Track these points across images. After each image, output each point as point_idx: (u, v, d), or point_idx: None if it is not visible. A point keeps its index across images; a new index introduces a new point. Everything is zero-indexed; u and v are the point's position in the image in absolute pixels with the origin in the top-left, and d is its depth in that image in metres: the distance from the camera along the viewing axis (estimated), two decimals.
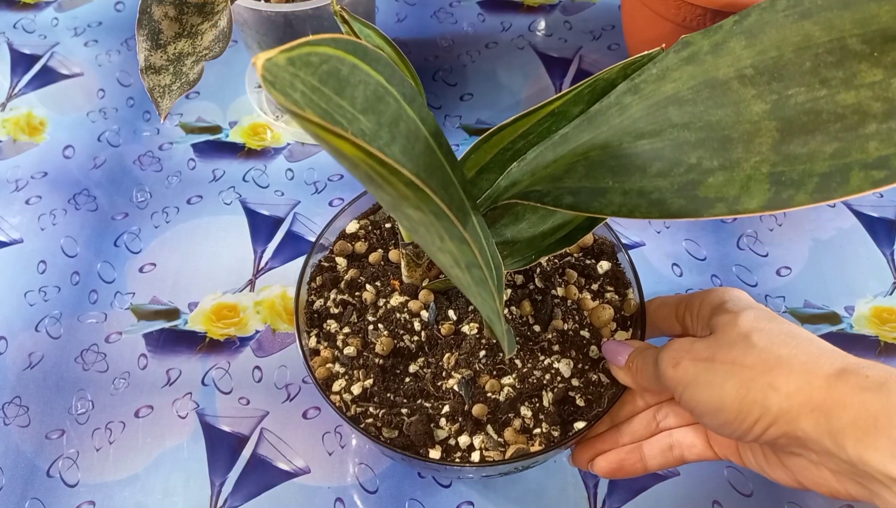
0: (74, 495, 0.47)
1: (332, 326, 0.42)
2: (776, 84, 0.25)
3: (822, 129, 0.24)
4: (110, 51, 0.71)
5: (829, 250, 0.57)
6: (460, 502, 0.47)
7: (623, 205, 0.28)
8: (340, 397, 0.40)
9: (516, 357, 0.40)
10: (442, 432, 0.39)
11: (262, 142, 0.64)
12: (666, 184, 0.27)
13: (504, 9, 0.73)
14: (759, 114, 0.25)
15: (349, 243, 0.45)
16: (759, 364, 0.31)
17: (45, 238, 0.58)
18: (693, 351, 0.34)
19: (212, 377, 0.51)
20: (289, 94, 0.19)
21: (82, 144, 0.64)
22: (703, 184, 0.26)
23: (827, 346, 0.32)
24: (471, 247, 0.23)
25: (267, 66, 0.19)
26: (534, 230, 0.37)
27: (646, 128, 0.28)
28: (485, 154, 0.34)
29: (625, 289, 0.43)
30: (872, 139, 0.23)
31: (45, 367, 0.52)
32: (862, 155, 0.23)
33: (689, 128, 0.27)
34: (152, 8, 0.34)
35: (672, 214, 0.26)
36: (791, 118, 0.25)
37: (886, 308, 0.54)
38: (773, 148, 0.25)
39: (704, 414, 0.33)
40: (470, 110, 0.65)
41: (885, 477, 0.28)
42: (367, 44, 0.23)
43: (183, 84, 0.37)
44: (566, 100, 0.32)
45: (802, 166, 0.24)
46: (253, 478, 0.48)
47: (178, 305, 0.55)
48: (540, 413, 0.39)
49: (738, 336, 0.33)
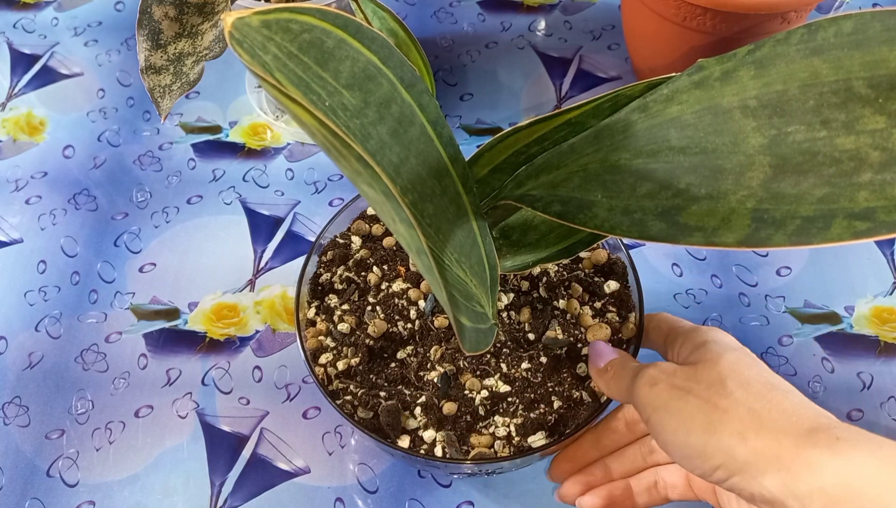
0: (74, 495, 0.47)
1: (332, 300, 0.43)
2: (777, 119, 0.25)
3: (815, 172, 0.24)
4: (110, 51, 0.71)
5: (829, 250, 0.57)
6: (460, 502, 0.47)
7: (605, 221, 0.28)
8: (325, 370, 0.40)
9: (503, 360, 0.40)
10: (413, 422, 0.39)
11: (262, 142, 0.64)
12: (651, 205, 0.27)
13: (504, 9, 0.73)
14: (756, 147, 0.25)
15: (367, 224, 0.46)
16: (731, 409, 0.31)
17: (45, 238, 0.58)
18: (673, 376, 0.33)
19: (212, 377, 0.51)
20: (258, 56, 0.19)
21: (82, 144, 0.64)
22: (686, 211, 0.26)
23: (802, 401, 0.32)
24: (417, 233, 0.23)
25: (237, 24, 0.19)
26: (538, 237, 0.38)
27: (645, 147, 0.28)
28: (498, 154, 0.34)
29: (627, 313, 0.43)
30: (864, 189, 0.23)
31: (45, 367, 0.52)
32: (850, 204, 0.23)
33: (685, 153, 0.27)
34: (152, 8, 0.34)
35: (650, 237, 0.26)
36: (786, 156, 0.24)
37: (886, 308, 0.54)
38: (762, 184, 0.24)
39: (669, 443, 0.33)
40: (470, 110, 0.65)
41: None
42: (363, 23, 0.23)
43: (183, 84, 0.37)
44: (584, 112, 0.32)
45: (787, 207, 0.24)
46: (253, 478, 0.48)
47: (178, 305, 0.55)
48: (512, 420, 0.39)
49: (717, 377, 0.33)
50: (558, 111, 0.32)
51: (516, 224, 0.38)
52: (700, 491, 0.38)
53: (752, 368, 0.33)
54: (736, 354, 0.34)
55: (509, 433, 0.39)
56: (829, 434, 0.29)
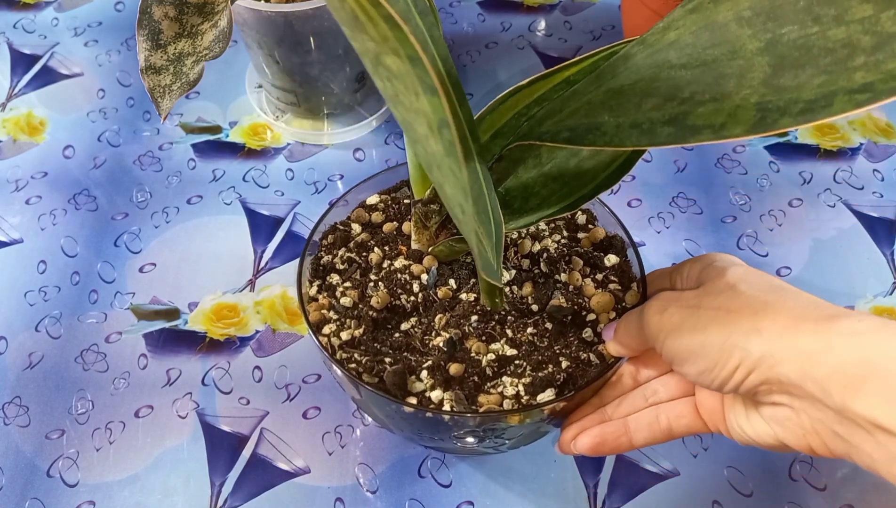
0: (74, 495, 0.47)
1: (334, 279, 0.43)
2: (771, 23, 0.26)
3: (812, 63, 0.24)
4: (110, 51, 0.71)
5: (829, 250, 0.57)
6: (460, 502, 0.47)
7: (615, 136, 0.28)
8: (328, 339, 0.40)
9: (508, 327, 0.40)
10: (420, 384, 0.39)
11: (262, 142, 0.64)
12: (658, 115, 0.27)
13: (504, 9, 0.73)
14: (753, 51, 0.26)
15: (367, 212, 0.46)
16: (745, 308, 0.30)
17: (45, 238, 0.58)
18: (681, 299, 0.33)
19: (212, 377, 0.51)
20: None
21: (82, 144, 0.64)
22: (693, 114, 0.26)
23: (818, 299, 0.31)
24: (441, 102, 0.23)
25: None
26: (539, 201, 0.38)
27: (646, 72, 0.28)
28: (500, 116, 0.34)
29: (629, 283, 0.43)
30: (860, 70, 0.23)
31: (45, 367, 0.52)
32: (848, 83, 0.23)
33: (686, 68, 0.27)
34: (152, 8, 0.34)
35: (660, 142, 0.27)
36: (783, 54, 0.25)
37: (886, 308, 0.54)
38: (763, 81, 0.25)
39: (685, 361, 0.32)
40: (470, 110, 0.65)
41: (870, 425, 0.27)
42: None
43: (183, 84, 0.37)
44: (582, 68, 0.32)
45: (790, 95, 0.24)
46: (253, 478, 0.48)
47: (178, 305, 0.55)
48: (520, 380, 0.39)
49: (725, 285, 0.32)
50: (557, 67, 0.32)
51: (517, 192, 0.38)
52: (709, 415, 0.36)
53: (763, 276, 0.33)
54: (743, 268, 0.34)
55: (518, 392, 0.38)
56: (849, 318, 0.29)
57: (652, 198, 0.60)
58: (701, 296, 0.33)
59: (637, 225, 0.58)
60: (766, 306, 0.30)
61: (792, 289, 0.32)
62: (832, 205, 0.59)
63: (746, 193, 0.60)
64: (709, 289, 0.33)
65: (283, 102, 0.64)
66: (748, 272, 0.33)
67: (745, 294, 0.31)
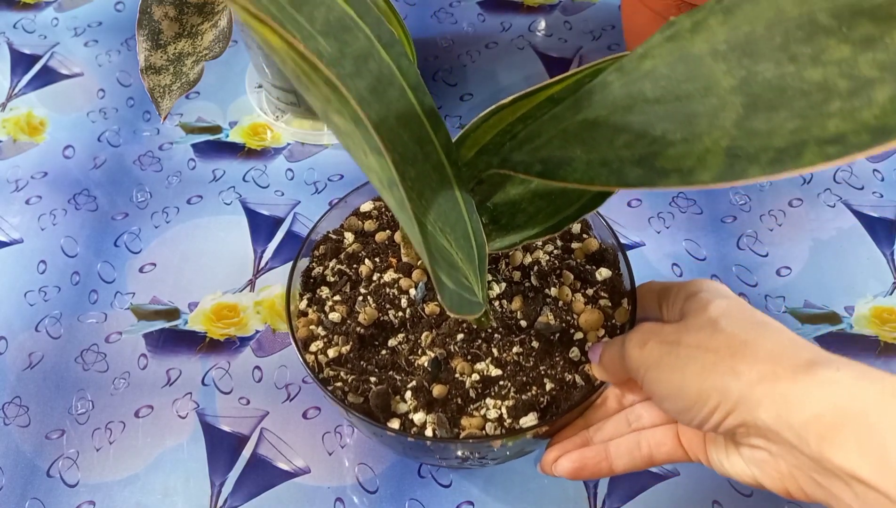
0: (74, 495, 0.47)
1: (324, 292, 0.43)
2: (746, 59, 0.25)
3: (786, 106, 0.24)
4: (110, 51, 0.71)
5: (829, 250, 0.57)
6: (460, 502, 0.47)
7: (584, 174, 0.28)
8: (315, 357, 0.41)
9: (494, 345, 0.40)
10: (404, 405, 0.39)
11: (262, 142, 0.64)
12: (628, 154, 0.27)
13: (504, 9, 0.73)
14: (727, 88, 0.25)
15: (360, 220, 0.46)
16: (723, 348, 0.30)
17: (45, 238, 0.59)
18: (661, 333, 0.33)
19: (212, 377, 0.51)
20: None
21: (82, 144, 0.64)
22: (662, 155, 0.26)
23: (798, 339, 0.31)
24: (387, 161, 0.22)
25: None
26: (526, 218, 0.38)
27: (621, 103, 0.28)
28: (484, 133, 0.34)
29: (620, 299, 0.42)
30: (834, 117, 0.23)
31: (45, 367, 0.52)
32: (821, 132, 0.23)
33: (660, 102, 0.27)
34: (152, 8, 0.34)
35: (628, 184, 0.26)
36: (757, 94, 0.24)
37: (886, 308, 0.54)
38: (735, 123, 0.24)
39: (665, 399, 0.32)
40: (470, 110, 0.65)
41: (848, 476, 0.27)
42: None
43: (183, 84, 0.37)
44: (566, 86, 0.32)
45: (760, 141, 0.24)
46: (253, 478, 0.48)
47: (178, 305, 0.55)
48: (503, 402, 0.39)
49: (706, 320, 0.32)
50: (540, 85, 0.32)
51: (504, 208, 0.38)
52: (690, 445, 0.36)
53: (744, 311, 0.33)
54: (727, 301, 0.33)
55: (501, 415, 0.38)
56: (828, 366, 0.28)
57: (652, 197, 0.60)
58: (681, 332, 0.32)
59: (637, 225, 0.58)
60: (746, 346, 0.30)
61: (774, 327, 0.32)
62: (832, 205, 0.59)
63: (746, 193, 0.60)
64: (690, 325, 0.33)
65: (283, 102, 0.64)
66: (731, 306, 0.33)
67: (724, 332, 0.31)
